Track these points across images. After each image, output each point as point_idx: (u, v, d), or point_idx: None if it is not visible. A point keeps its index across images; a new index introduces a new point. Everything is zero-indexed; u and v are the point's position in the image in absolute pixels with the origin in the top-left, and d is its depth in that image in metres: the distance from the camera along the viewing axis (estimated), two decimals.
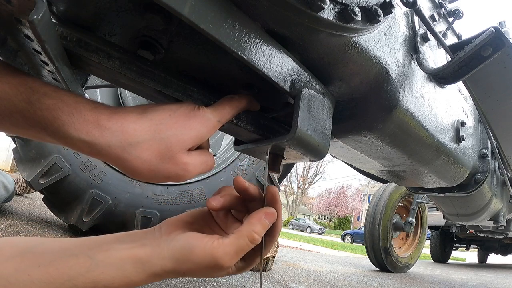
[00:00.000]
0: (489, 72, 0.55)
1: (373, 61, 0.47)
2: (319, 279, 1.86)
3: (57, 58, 0.32)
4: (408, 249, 3.04)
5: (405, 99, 0.53)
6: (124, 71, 0.37)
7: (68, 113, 0.31)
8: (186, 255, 0.35)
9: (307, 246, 6.66)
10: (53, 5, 0.36)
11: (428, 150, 0.65)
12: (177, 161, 0.35)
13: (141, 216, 1.36)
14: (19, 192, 2.19)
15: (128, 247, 0.36)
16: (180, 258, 0.35)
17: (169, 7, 0.28)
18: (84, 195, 1.33)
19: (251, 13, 0.35)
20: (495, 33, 0.47)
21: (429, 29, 0.54)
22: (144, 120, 0.34)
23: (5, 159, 6.98)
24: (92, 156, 0.33)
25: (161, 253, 0.36)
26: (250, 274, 1.51)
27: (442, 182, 0.82)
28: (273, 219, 0.39)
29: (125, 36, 0.40)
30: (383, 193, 2.76)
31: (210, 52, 0.42)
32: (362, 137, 0.58)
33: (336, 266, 2.82)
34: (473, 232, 3.67)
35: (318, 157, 0.46)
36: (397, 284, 2.12)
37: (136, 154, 0.33)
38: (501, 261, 7.15)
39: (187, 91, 0.41)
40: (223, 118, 0.40)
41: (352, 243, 15.44)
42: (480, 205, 1.19)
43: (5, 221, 1.38)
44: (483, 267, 5.33)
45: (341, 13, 0.38)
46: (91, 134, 0.31)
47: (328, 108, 0.46)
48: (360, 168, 0.89)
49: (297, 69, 0.41)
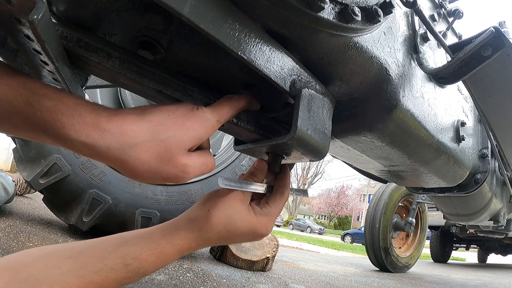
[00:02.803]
0: (489, 72, 0.55)
1: (373, 61, 0.47)
2: (319, 279, 1.86)
3: (57, 58, 0.32)
4: (408, 249, 3.04)
5: (405, 99, 0.53)
6: (124, 71, 0.37)
7: (68, 115, 0.31)
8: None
9: (307, 246, 6.66)
10: (53, 5, 0.36)
11: (428, 150, 0.65)
12: (177, 162, 0.35)
13: (141, 216, 1.36)
14: (19, 192, 2.19)
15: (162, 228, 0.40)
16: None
17: (169, 7, 0.28)
18: (84, 195, 1.33)
19: (251, 13, 0.35)
20: (495, 33, 0.47)
21: (429, 29, 0.54)
22: (143, 122, 0.34)
23: (5, 159, 6.98)
24: (92, 158, 0.33)
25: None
26: (250, 274, 1.51)
27: (442, 182, 0.82)
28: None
29: (125, 36, 0.40)
30: (383, 193, 2.76)
31: (210, 52, 0.42)
32: (362, 137, 0.58)
33: (336, 266, 2.82)
34: (473, 232, 3.67)
35: (318, 157, 0.46)
36: (397, 284, 2.12)
37: (135, 156, 0.33)
38: (501, 261, 7.15)
39: (187, 91, 0.41)
40: (222, 118, 0.40)
41: (352, 243, 15.43)
42: (480, 205, 1.19)
43: (5, 221, 1.38)
44: (483, 267, 5.32)
45: (341, 13, 0.38)
46: (90, 136, 0.31)
47: (328, 108, 0.46)
48: (360, 168, 0.89)
49: (297, 69, 0.41)
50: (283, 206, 0.47)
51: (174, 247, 0.38)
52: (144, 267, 0.36)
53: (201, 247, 0.40)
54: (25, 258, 0.34)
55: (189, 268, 1.34)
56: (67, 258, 0.34)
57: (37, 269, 0.32)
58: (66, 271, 0.33)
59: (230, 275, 1.40)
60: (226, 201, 0.41)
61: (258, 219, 0.43)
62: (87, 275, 0.33)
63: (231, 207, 0.41)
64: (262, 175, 0.47)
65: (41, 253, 0.35)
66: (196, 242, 0.39)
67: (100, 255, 0.35)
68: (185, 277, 1.21)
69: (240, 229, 0.41)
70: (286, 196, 0.47)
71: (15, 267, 0.32)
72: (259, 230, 0.43)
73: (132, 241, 0.37)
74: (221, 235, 0.40)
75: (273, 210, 0.45)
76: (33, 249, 0.35)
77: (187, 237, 0.39)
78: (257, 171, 0.47)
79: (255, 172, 0.47)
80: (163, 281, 1.10)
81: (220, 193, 0.42)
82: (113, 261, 0.34)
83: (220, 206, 0.40)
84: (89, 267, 0.34)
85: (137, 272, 0.36)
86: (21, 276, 0.32)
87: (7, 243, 1.10)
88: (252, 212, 0.42)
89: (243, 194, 0.43)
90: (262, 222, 0.43)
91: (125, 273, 0.35)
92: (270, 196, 0.47)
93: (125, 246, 0.36)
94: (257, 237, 0.44)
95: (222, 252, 1.65)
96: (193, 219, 0.39)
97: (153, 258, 0.36)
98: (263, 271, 1.65)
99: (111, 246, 0.36)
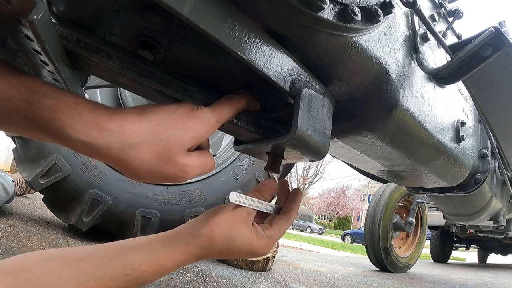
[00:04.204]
0: (489, 72, 0.55)
1: (373, 61, 0.47)
2: (319, 279, 1.86)
3: (57, 58, 0.32)
4: (408, 249, 3.04)
5: (405, 99, 0.53)
6: (124, 71, 0.37)
7: (68, 114, 0.31)
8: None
9: (307, 246, 6.66)
10: (53, 5, 0.36)
11: (428, 150, 0.65)
12: (176, 162, 0.35)
13: (141, 216, 1.36)
14: (19, 192, 2.19)
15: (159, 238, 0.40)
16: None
17: (169, 7, 0.28)
18: (84, 195, 1.33)
19: (251, 13, 0.35)
20: (495, 33, 0.47)
21: (429, 29, 0.54)
22: (143, 121, 0.34)
23: (5, 159, 6.98)
24: (92, 157, 0.33)
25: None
26: (250, 274, 1.51)
27: (442, 182, 0.82)
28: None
29: (125, 36, 0.40)
30: (383, 193, 2.76)
31: (210, 52, 0.42)
32: (362, 137, 0.58)
33: (336, 266, 2.82)
34: (473, 232, 3.67)
35: (318, 157, 0.46)
36: (397, 284, 2.12)
37: (135, 156, 0.33)
38: (501, 261, 7.15)
39: (187, 91, 0.41)
40: (222, 118, 0.40)
41: (352, 243, 15.43)
42: (480, 205, 1.19)
43: (5, 221, 1.38)
44: (483, 267, 5.32)
45: (341, 13, 0.38)
46: (90, 135, 0.31)
47: (328, 108, 0.46)
48: (360, 168, 0.89)
49: (297, 69, 0.41)
50: (286, 230, 0.47)
51: (174, 260, 0.38)
52: (144, 278, 0.36)
53: (199, 260, 0.41)
54: (25, 262, 0.34)
55: (189, 268, 1.34)
56: (67, 264, 0.34)
57: (37, 274, 0.32)
58: (65, 278, 0.33)
59: (230, 275, 1.40)
60: (230, 221, 0.41)
61: (259, 241, 0.42)
62: (86, 283, 0.33)
63: (234, 228, 0.41)
64: (270, 195, 0.47)
65: (41, 257, 0.35)
66: (196, 257, 0.40)
67: (99, 263, 0.35)
68: (185, 277, 1.21)
69: (240, 249, 0.41)
70: (291, 221, 0.47)
71: (15, 271, 0.32)
72: (257, 251, 0.43)
73: (132, 251, 0.37)
74: (221, 252, 0.41)
75: (275, 234, 0.44)
76: (33, 253, 0.35)
77: (188, 252, 0.39)
78: (266, 190, 0.47)
79: (263, 190, 0.47)
80: (163, 281, 1.10)
81: (225, 211, 0.42)
82: (112, 271, 0.35)
83: (223, 227, 0.40)
84: (88, 275, 0.34)
85: (136, 282, 0.36)
86: (21, 280, 0.32)
87: (7, 243, 1.10)
88: (254, 234, 0.42)
89: (248, 215, 0.42)
90: (262, 244, 0.43)
91: (124, 282, 0.35)
92: (276, 218, 0.46)
93: (125, 256, 0.36)
94: (253, 256, 0.44)
95: None
96: (196, 236, 0.39)
97: (153, 270, 0.37)
98: (263, 271, 1.65)
99: (111, 255, 0.36)
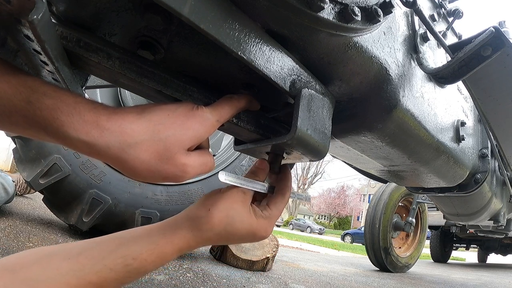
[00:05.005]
0: (489, 72, 0.55)
1: (373, 61, 0.47)
2: (319, 279, 1.86)
3: (57, 58, 0.32)
4: (408, 249, 3.04)
5: (405, 99, 0.53)
6: (124, 71, 0.37)
7: (68, 114, 0.31)
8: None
9: (307, 246, 6.66)
10: (53, 5, 0.36)
11: (428, 150, 0.65)
12: (176, 162, 0.35)
13: (141, 216, 1.36)
14: (19, 192, 2.19)
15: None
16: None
17: (169, 7, 0.28)
18: (84, 195, 1.33)
19: (251, 13, 0.35)
20: (495, 33, 0.47)
21: (429, 29, 0.54)
22: (143, 121, 0.34)
23: (5, 159, 6.98)
24: (92, 156, 0.33)
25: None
26: (250, 274, 1.51)
27: (442, 182, 0.82)
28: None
29: (125, 36, 0.40)
30: (383, 193, 2.76)
31: (210, 52, 0.42)
32: (362, 137, 0.58)
33: (336, 266, 2.82)
34: (473, 232, 3.67)
35: (318, 157, 0.46)
36: (397, 284, 2.12)
37: (134, 155, 0.33)
38: (501, 261, 7.15)
39: (187, 91, 0.41)
40: (222, 118, 0.40)
41: (352, 243, 15.43)
42: (480, 205, 1.19)
43: (5, 221, 1.38)
44: (483, 267, 5.32)
45: (341, 13, 0.38)
46: (90, 134, 0.31)
47: (328, 108, 0.46)
48: (360, 168, 0.89)
49: (297, 69, 0.41)
50: (283, 208, 0.47)
51: (173, 246, 0.38)
52: (144, 267, 0.36)
53: (200, 246, 0.40)
54: (24, 259, 0.34)
55: (189, 268, 1.34)
56: (66, 259, 0.34)
57: (36, 271, 0.32)
58: (65, 272, 0.33)
59: (230, 275, 1.40)
60: (227, 201, 0.40)
61: (259, 222, 0.42)
62: (86, 276, 0.33)
63: (232, 208, 0.40)
64: (263, 175, 0.47)
65: (40, 254, 0.34)
66: (195, 241, 0.39)
67: (99, 255, 0.35)
68: (185, 277, 1.21)
69: (240, 231, 0.41)
70: (287, 197, 0.47)
71: (14, 268, 0.32)
72: (259, 233, 0.43)
73: (132, 241, 0.37)
74: (221, 235, 0.40)
75: (274, 212, 0.44)
76: (32, 250, 0.35)
77: (186, 236, 0.38)
78: (259, 170, 0.47)
79: (257, 171, 0.47)
80: (163, 281, 1.10)
81: (221, 193, 0.42)
82: (112, 262, 0.35)
83: (221, 206, 0.40)
84: (88, 268, 0.33)
85: (137, 271, 0.36)
86: (20, 277, 0.31)
87: (7, 243, 1.10)
88: (253, 214, 0.42)
89: (244, 195, 0.42)
90: (262, 225, 0.43)
91: (125, 273, 0.35)
92: (271, 198, 0.46)
93: (124, 246, 0.36)
94: (256, 239, 0.44)
95: (222, 252, 1.65)
96: (193, 218, 0.39)
97: (153, 258, 0.37)
98: (263, 271, 1.65)
99: (110, 247, 0.36)
